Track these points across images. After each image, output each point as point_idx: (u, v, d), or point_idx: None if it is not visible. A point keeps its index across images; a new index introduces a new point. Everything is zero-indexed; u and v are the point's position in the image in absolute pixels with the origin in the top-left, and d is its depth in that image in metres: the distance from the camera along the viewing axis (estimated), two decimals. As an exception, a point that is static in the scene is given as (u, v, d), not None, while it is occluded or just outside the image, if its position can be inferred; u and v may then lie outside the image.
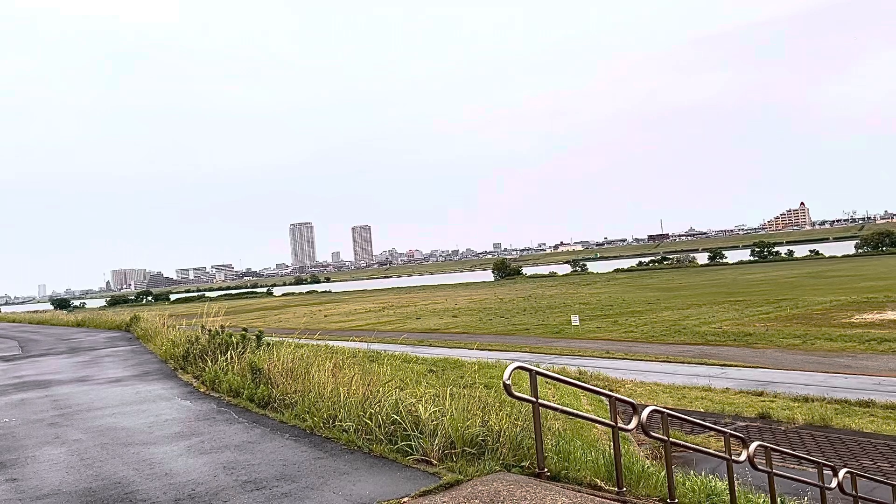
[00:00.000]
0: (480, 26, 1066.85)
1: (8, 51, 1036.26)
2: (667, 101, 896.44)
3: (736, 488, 7.17)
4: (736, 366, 30.85)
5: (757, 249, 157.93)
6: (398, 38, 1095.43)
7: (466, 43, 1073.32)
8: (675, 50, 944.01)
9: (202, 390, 11.02)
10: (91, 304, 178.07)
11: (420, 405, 7.01)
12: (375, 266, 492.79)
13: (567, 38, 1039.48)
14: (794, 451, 15.01)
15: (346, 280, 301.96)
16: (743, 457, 7.42)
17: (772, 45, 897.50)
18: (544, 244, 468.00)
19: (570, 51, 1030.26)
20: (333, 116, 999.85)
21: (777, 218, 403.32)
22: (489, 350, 39.25)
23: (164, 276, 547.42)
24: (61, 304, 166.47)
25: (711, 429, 8.76)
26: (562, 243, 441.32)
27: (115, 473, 6.61)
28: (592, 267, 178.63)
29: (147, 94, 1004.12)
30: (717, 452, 8.12)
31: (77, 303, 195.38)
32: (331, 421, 7.69)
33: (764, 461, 8.22)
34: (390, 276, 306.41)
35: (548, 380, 6.68)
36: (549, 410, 6.47)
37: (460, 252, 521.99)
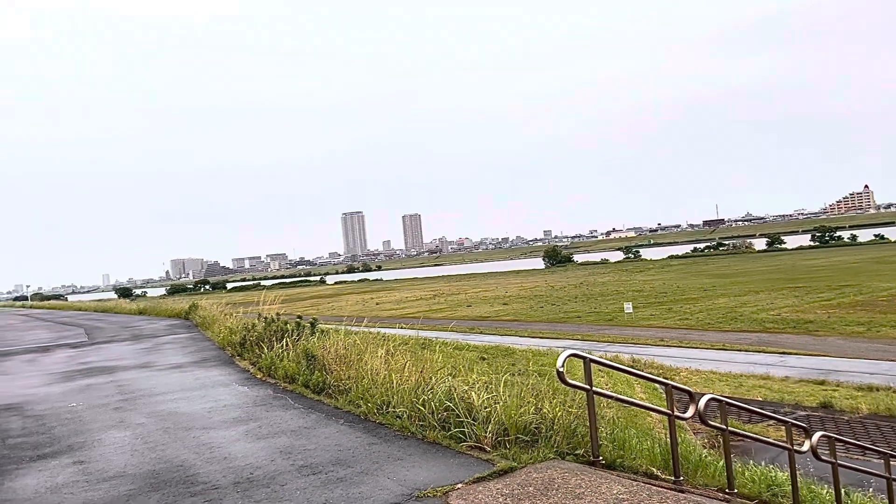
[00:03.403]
0: (527, 14, 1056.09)
1: (70, 46, 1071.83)
2: (723, 83, 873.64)
3: (798, 479, 6.98)
4: (796, 354, 30.01)
5: (818, 234, 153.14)
6: (449, 29, 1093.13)
7: (515, 32, 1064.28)
8: (732, 32, 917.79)
9: (259, 376, 11.23)
10: (152, 292, 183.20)
11: (473, 392, 7.00)
12: (426, 254, 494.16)
13: (620, 23, 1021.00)
14: (858, 441, 14.55)
15: (397, 268, 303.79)
16: (806, 447, 7.21)
17: (831, 23, 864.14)
18: (596, 231, 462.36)
19: (624, 36, 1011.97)
20: (382, 107, 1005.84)
21: (839, 202, 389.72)
22: (540, 338, 39.10)
23: (221, 265, 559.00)
24: (124, 292, 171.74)
25: (772, 418, 8.55)
26: (614, 230, 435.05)
27: (178, 457, 6.80)
28: (646, 253, 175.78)
29: (205, 88, 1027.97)
30: (777, 442, 7.91)
31: (139, 291, 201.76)
32: (384, 407, 7.75)
33: (827, 451, 7.98)
34: (441, 264, 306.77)
35: (600, 367, 6.60)
36: (602, 398, 6.39)
37: (510, 240, 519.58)
